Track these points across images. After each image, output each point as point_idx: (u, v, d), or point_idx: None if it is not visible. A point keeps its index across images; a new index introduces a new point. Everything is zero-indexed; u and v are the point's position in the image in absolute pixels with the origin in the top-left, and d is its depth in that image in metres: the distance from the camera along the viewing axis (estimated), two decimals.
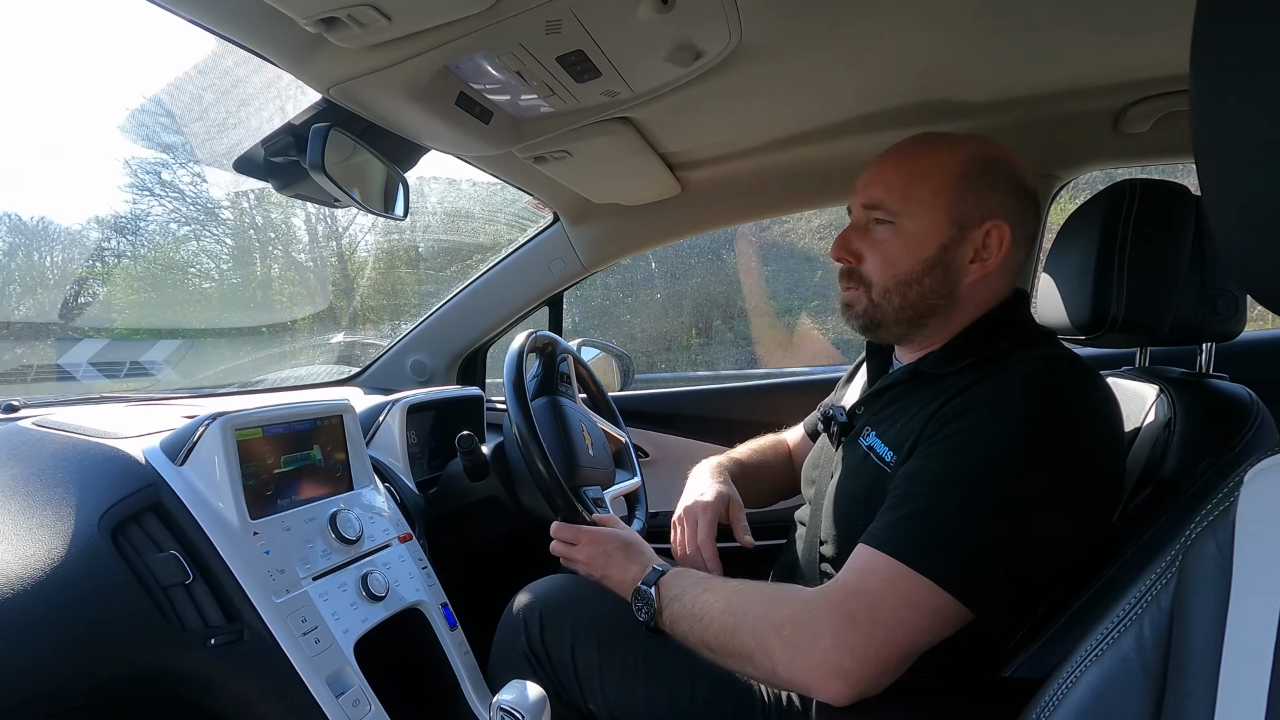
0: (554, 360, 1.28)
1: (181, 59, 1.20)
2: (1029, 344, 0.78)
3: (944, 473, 0.68)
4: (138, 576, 0.72)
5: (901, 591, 0.64)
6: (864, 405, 0.90)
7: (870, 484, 0.78)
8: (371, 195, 1.10)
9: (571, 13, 0.75)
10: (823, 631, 0.65)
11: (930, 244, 0.79)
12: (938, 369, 0.80)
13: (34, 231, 3.66)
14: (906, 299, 0.80)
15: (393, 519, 1.01)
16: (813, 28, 0.88)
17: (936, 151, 0.80)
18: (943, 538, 0.65)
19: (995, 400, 0.70)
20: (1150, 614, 0.39)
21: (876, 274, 0.82)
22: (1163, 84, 1.08)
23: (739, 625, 0.71)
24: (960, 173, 0.78)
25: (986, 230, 0.78)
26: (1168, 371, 0.88)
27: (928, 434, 0.72)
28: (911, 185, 0.79)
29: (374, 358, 1.78)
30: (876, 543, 0.67)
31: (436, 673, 0.94)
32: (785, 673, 0.67)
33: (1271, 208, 0.31)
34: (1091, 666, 0.42)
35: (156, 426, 0.90)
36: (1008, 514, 0.65)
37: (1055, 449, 0.67)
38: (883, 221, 0.81)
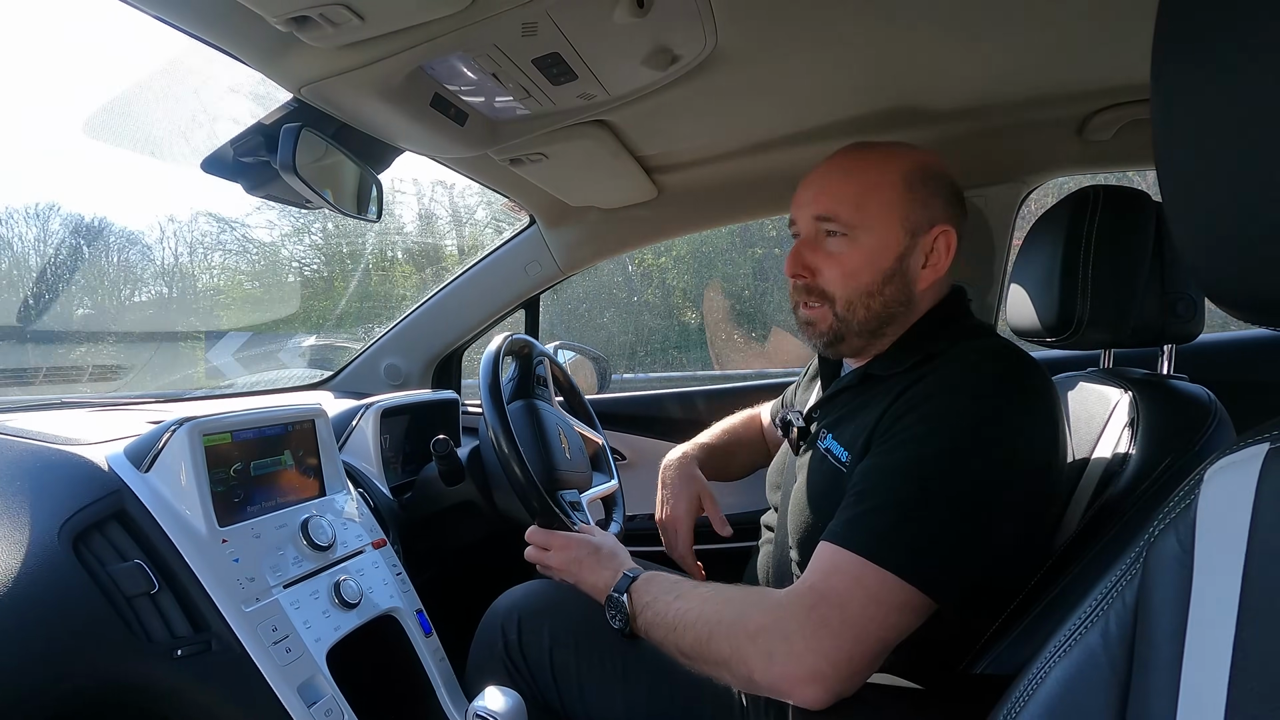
0: (530, 363, 1.28)
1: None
2: (967, 337, 0.80)
3: (897, 467, 0.70)
4: (100, 587, 0.70)
5: (868, 588, 0.65)
6: (819, 410, 0.91)
7: (829, 485, 0.80)
8: (344, 197, 1.08)
9: (548, 15, 0.75)
10: (795, 637, 0.65)
11: (888, 254, 0.80)
12: (886, 370, 0.82)
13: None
14: (870, 310, 0.81)
15: (366, 524, 0.99)
16: (785, 34, 0.89)
17: (880, 163, 0.81)
18: (901, 531, 0.66)
19: (939, 394, 0.72)
20: (1115, 609, 0.40)
21: (839, 287, 0.81)
22: (1125, 93, 1.11)
23: (713, 633, 0.71)
24: (907, 183, 0.80)
25: (935, 236, 0.80)
26: (1130, 373, 0.91)
27: (880, 431, 0.74)
28: (864, 197, 0.80)
29: (347, 361, 1.76)
30: (838, 540, 0.69)
31: (411, 680, 0.93)
32: (762, 679, 0.67)
33: (1228, 214, 0.32)
34: (1060, 662, 0.42)
35: (120, 432, 0.88)
36: (959, 501, 0.67)
37: (995, 434, 0.69)
38: (836, 234, 0.81)
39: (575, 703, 0.89)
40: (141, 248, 3.63)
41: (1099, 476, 0.79)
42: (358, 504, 1.01)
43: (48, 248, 3.52)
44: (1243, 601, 0.32)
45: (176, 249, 3.73)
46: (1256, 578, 0.32)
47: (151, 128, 1.04)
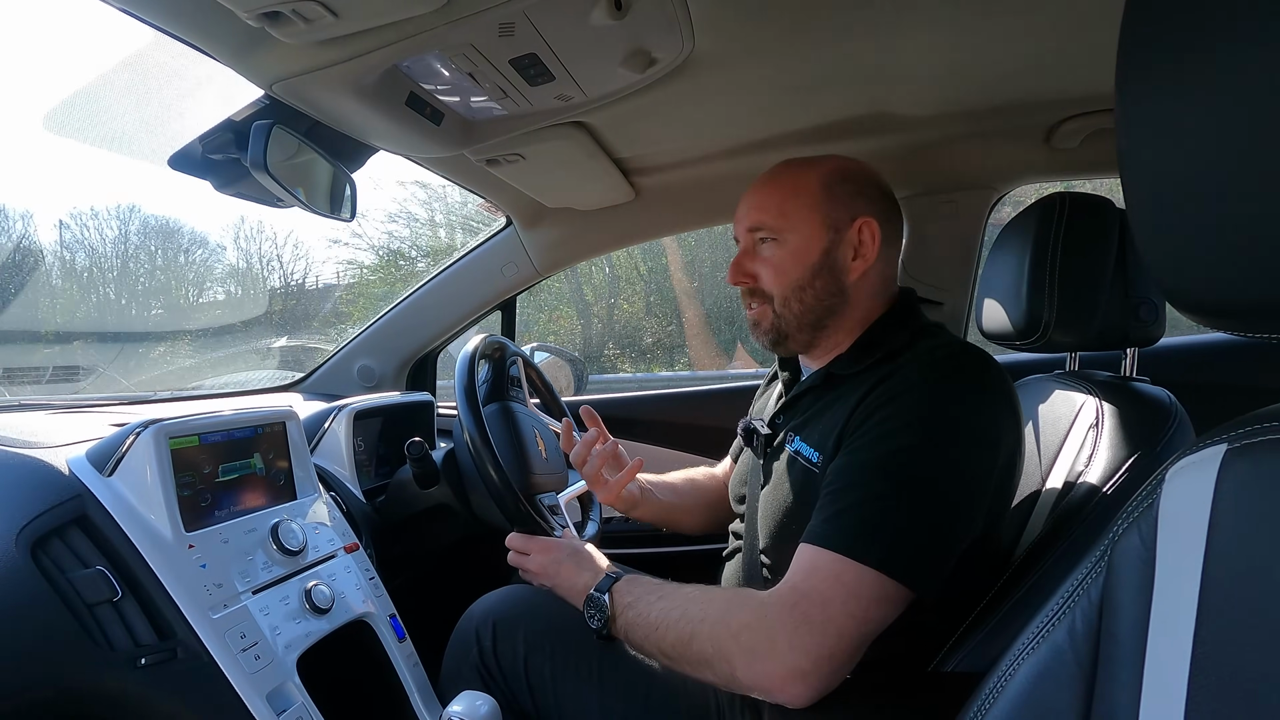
0: (504, 364, 1.27)
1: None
2: (925, 337, 0.83)
3: (868, 464, 0.71)
4: (60, 595, 0.68)
5: (847, 584, 0.66)
6: (782, 414, 0.92)
7: (801, 487, 0.81)
8: (317, 196, 1.06)
9: (525, 16, 0.75)
10: (778, 635, 0.66)
11: (813, 250, 0.85)
12: (848, 369, 0.85)
13: None
14: (804, 303, 0.86)
15: (338, 529, 0.98)
16: (762, 39, 0.90)
17: (800, 173, 0.87)
18: (876, 525, 0.68)
19: (906, 392, 0.74)
20: (1081, 607, 0.41)
21: (774, 286, 0.87)
22: (1091, 102, 1.14)
23: (696, 633, 0.72)
24: (825, 185, 0.85)
25: (858, 227, 0.85)
26: (1095, 375, 0.93)
27: (850, 429, 0.76)
28: (786, 204, 0.86)
29: (320, 362, 1.73)
30: (817, 540, 0.70)
31: (384, 686, 0.92)
32: (744, 678, 0.68)
33: (1188, 221, 0.33)
34: (1028, 659, 0.43)
35: (82, 435, 0.86)
36: (929, 492, 0.69)
37: (960, 427, 0.72)
38: (767, 240, 0.87)
39: (550, 708, 0.88)
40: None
41: (1065, 476, 0.81)
42: (330, 508, 0.99)
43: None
44: (1202, 597, 0.33)
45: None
46: (1215, 574, 0.33)
47: (116, 123, 1.01)
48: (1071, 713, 0.40)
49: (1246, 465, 0.33)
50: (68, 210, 4.70)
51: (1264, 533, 0.32)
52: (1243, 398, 0.53)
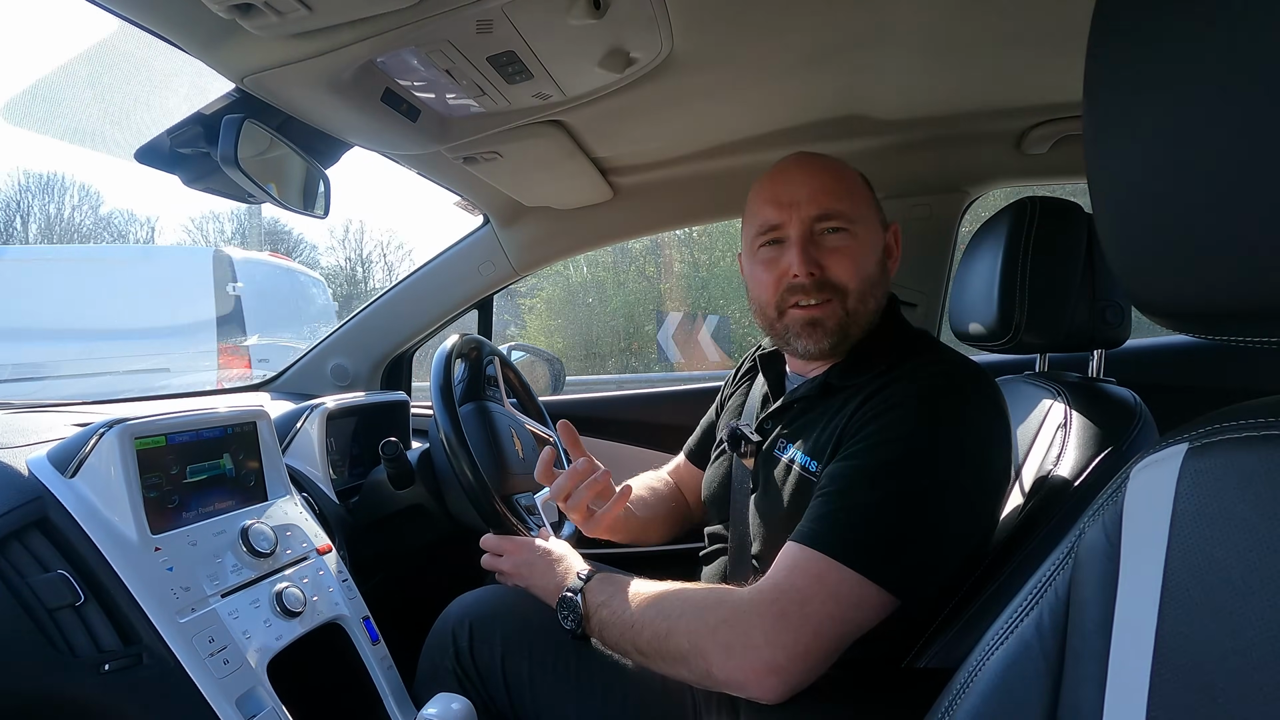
0: (480, 364, 1.26)
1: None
2: (919, 347, 0.84)
3: (862, 471, 0.72)
4: (19, 599, 0.66)
5: (828, 585, 0.67)
6: (772, 420, 0.91)
7: (799, 495, 0.81)
8: (290, 192, 1.04)
9: (503, 13, 0.74)
10: (755, 631, 0.66)
11: (878, 248, 0.85)
12: (845, 381, 0.83)
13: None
14: (876, 300, 0.84)
15: (310, 530, 0.96)
16: (740, 40, 0.90)
17: (844, 167, 0.86)
18: (864, 531, 0.68)
19: (903, 403, 0.74)
20: (1048, 601, 0.42)
21: (850, 279, 0.81)
22: (1061, 109, 1.16)
23: (672, 629, 0.72)
24: (867, 184, 0.87)
25: (893, 232, 0.87)
26: (1063, 376, 0.95)
27: (847, 436, 0.76)
28: (854, 195, 0.84)
29: (291, 361, 1.70)
30: (803, 539, 0.70)
31: (358, 690, 0.90)
32: (720, 673, 0.68)
33: (1153, 226, 0.34)
34: (996, 653, 0.44)
35: (42, 436, 0.83)
36: (919, 505, 0.69)
37: (953, 440, 0.72)
38: (839, 229, 0.81)
39: (527, 709, 0.88)
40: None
41: (1035, 474, 0.83)
42: (302, 509, 0.97)
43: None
44: (1164, 592, 0.34)
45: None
46: (1176, 569, 0.34)
47: (80, 115, 0.99)
48: (1039, 706, 0.41)
49: (1206, 464, 0.34)
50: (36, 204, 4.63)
51: (1221, 529, 0.33)
52: (1205, 398, 0.55)
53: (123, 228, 18.32)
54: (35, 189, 16.67)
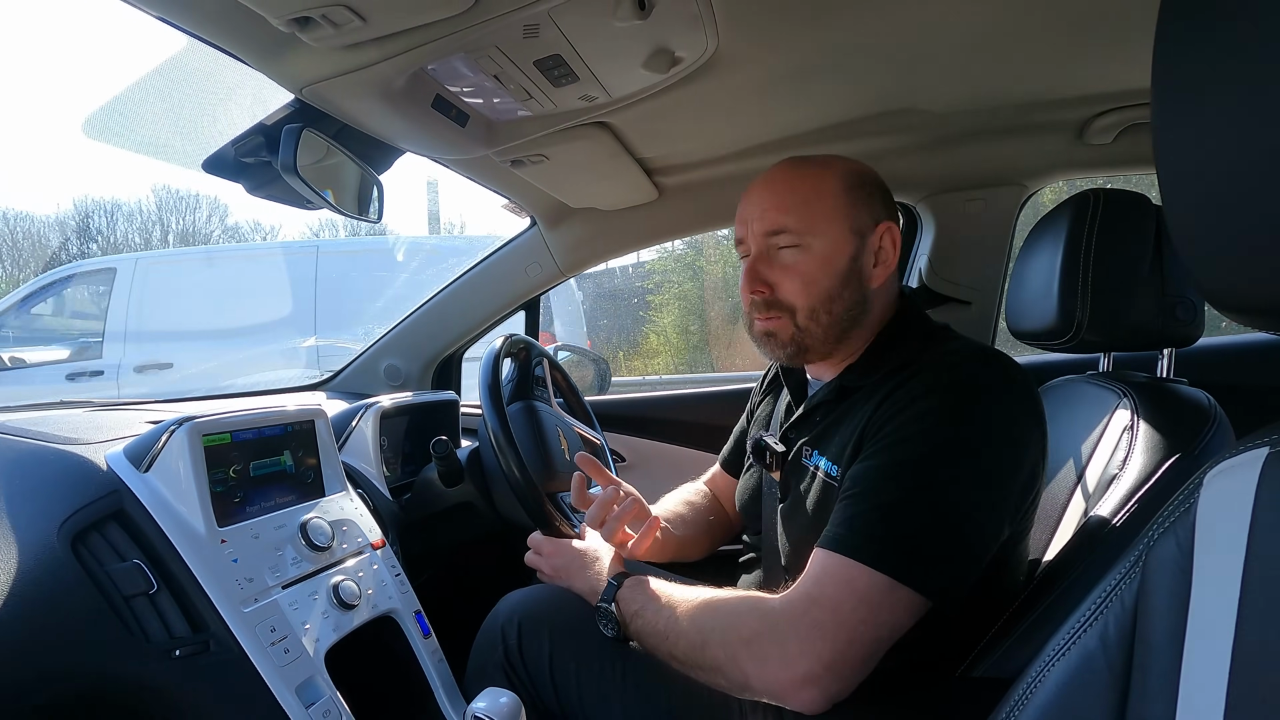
0: (529, 364, 1.28)
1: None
2: (938, 340, 0.81)
3: (882, 470, 0.70)
4: (98, 587, 0.70)
5: (859, 590, 0.65)
6: (795, 429, 0.90)
7: (824, 502, 0.80)
8: (345, 198, 1.08)
9: (549, 17, 0.75)
10: (789, 641, 0.66)
11: (841, 258, 0.81)
12: (861, 380, 0.82)
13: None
14: (832, 315, 0.82)
15: (365, 525, 0.99)
16: (787, 37, 0.89)
17: (816, 173, 0.83)
18: (890, 532, 0.67)
19: (922, 398, 0.72)
20: (1114, 612, 0.40)
21: (799, 297, 0.82)
22: (1126, 97, 1.11)
23: (707, 640, 0.72)
24: (846, 187, 0.82)
25: (880, 234, 0.82)
26: (1130, 376, 0.91)
27: (867, 436, 0.74)
28: (811, 207, 0.81)
29: (347, 362, 1.76)
30: (830, 545, 0.69)
31: (409, 682, 0.93)
32: (757, 684, 0.67)
33: (1228, 217, 0.32)
34: (1058, 664, 0.42)
35: (119, 432, 0.88)
36: (942, 503, 0.67)
37: (977, 434, 0.70)
38: (789, 246, 0.81)
39: (574, 707, 0.88)
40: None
41: (1097, 480, 0.79)
42: (357, 505, 1.01)
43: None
44: (1242, 605, 0.32)
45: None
46: (1256, 581, 0.32)
47: (152, 127, 1.04)
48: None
49: None
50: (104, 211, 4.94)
51: None
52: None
53: (248, 235, 20.16)
54: (170, 204, 19.08)
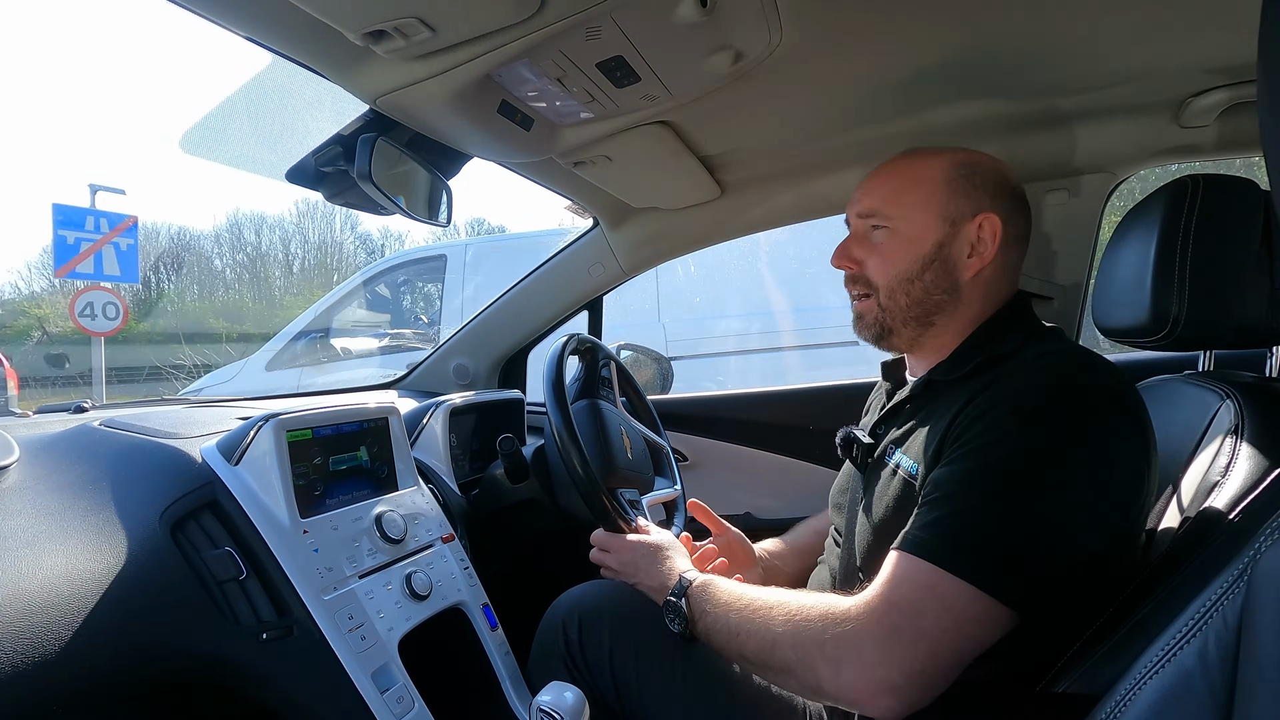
0: (595, 364, 1.29)
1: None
2: (1034, 340, 0.78)
3: (968, 475, 0.67)
4: (194, 571, 0.75)
5: (941, 598, 0.63)
6: (883, 424, 0.89)
7: (901, 502, 0.78)
8: (417, 203, 1.12)
9: (611, 18, 0.76)
10: (867, 647, 0.63)
11: (925, 242, 0.82)
12: (948, 375, 0.81)
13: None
14: (911, 296, 0.83)
15: (436, 519, 1.02)
16: (855, 26, 0.87)
17: (922, 161, 0.85)
18: (975, 539, 0.64)
19: (1010, 399, 0.69)
20: (1215, 628, 0.37)
21: (879, 275, 0.85)
22: (1228, 74, 1.03)
23: (778, 640, 0.70)
24: (946, 177, 0.82)
25: (979, 223, 0.81)
26: (1234, 376, 0.84)
27: (951, 438, 0.72)
28: (902, 192, 0.83)
29: (418, 361, 1.82)
30: (910, 548, 0.67)
31: (477, 672, 0.95)
32: (830, 688, 0.65)
33: None
34: (1151, 682, 0.40)
35: (213, 427, 0.94)
36: (1031, 512, 0.64)
37: (1070, 439, 0.66)
38: (879, 227, 0.85)
39: (635, 704, 0.89)
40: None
41: (1196, 486, 0.74)
42: (428, 499, 1.04)
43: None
44: None
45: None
46: None
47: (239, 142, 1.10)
48: None
49: None
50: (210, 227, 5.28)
51: None
52: None
53: (377, 242, 22.90)
54: (308, 215, 22.32)
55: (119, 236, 5.55)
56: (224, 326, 9.32)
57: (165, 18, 66.74)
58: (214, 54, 37.24)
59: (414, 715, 0.80)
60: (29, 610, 0.60)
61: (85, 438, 0.88)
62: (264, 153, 1.09)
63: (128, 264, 5.66)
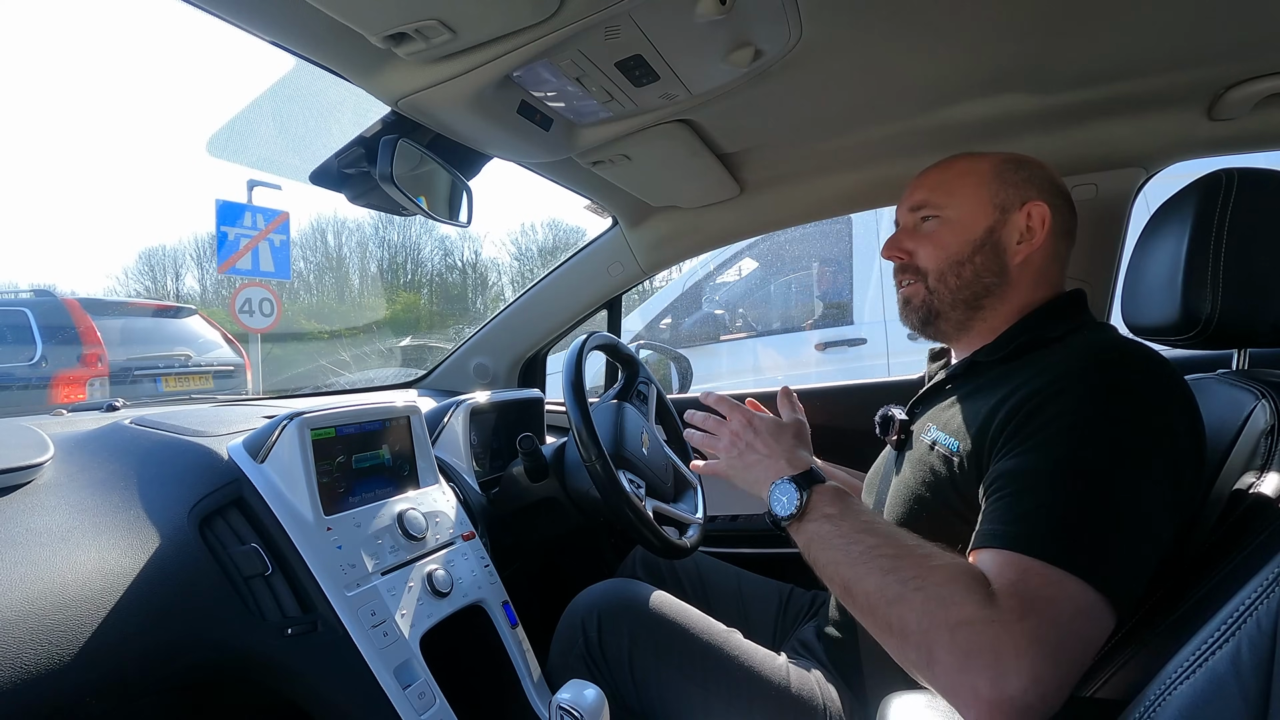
0: (635, 377, 1.30)
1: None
2: (1085, 330, 0.78)
3: (1058, 467, 0.63)
4: (222, 567, 0.76)
5: (1073, 597, 0.57)
6: (922, 403, 0.89)
7: (935, 476, 0.77)
8: (437, 204, 1.13)
9: (630, 17, 0.76)
10: (1005, 649, 0.55)
11: (976, 227, 0.84)
12: (992, 356, 0.81)
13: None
14: (961, 278, 0.84)
15: (457, 517, 1.03)
16: (876, 22, 0.86)
17: (975, 158, 0.88)
18: (1079, 533, 0.60)
19: (1072, 386, 0.67)
20: (1248, 633, 0.36)
21: (930, 261, 0.86)
22: (1265, 64, 1.00)
23: (904, 596, 0.61)
24: (996, 170, 0.85)
25: (1028, 211, 0.83)
26: (1269, 375, 0.82)
27: (1010, 424, 0.68)
28: (953, 183, 0.86)
29: (439, 360, 1.84)
30: (1014, 544, 0.61)
31: (498, 669, 0.96)
32: (944, 678, 0.57)
33: None
34: (1181, 687, 0.39)
35: (239, 426, 0.96)
36: (1128, 503, 0.61)
37: (1148, 430, 0.64)
38: (930, 217, 0.87)
39: (654, 703, 0.89)
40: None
41: (1230, 489, 0.72)
42: (449, 497, 1.05)
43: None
44: None
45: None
46: None
47: (265, 145, 1.12)
48: None
49: None
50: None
51: None
52: None
53: (450, 242, 22.76)
54: (386, 218, 21.53)
55: (273, 232, 5.60)
56: (314, 326, 9.42)
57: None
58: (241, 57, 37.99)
59: (435, 711, 0.81)
60: (64, 604, 0.62)
61: (117, 435, 0.90)
62: (288, 156, 1.11)
63: (281, 260, 5.72)
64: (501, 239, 23.92)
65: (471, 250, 22.14)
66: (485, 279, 22.20)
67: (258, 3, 0.70)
